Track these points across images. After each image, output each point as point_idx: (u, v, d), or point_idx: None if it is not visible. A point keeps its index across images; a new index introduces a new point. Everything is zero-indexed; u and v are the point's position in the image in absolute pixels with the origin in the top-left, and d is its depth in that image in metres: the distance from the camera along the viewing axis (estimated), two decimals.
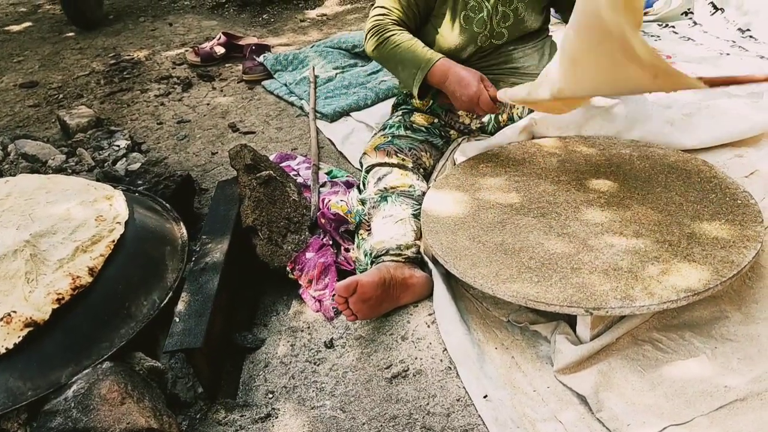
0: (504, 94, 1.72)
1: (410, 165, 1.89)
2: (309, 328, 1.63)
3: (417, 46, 1.86)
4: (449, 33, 1.96)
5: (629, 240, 1.46)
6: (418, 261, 1.70)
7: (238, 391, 1.49)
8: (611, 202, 1.60)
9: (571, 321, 1.42)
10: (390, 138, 1.98)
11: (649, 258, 1.40)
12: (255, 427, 1.37)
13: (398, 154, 1.91)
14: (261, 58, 3.12)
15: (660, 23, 3.09)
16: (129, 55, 3.50)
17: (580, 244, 1.47)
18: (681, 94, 2.26)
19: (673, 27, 3.04)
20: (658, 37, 2.96)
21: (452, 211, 1.67)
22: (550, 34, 2.08)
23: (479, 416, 1.30)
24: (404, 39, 1.88)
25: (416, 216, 1.75)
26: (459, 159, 1.95)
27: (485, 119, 2.05)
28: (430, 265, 1.68)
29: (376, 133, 2.09)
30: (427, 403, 1.35)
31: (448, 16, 1.95)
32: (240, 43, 3.33)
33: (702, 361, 1.33)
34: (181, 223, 1.80)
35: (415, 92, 1.88)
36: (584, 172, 1.73)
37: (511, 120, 2.02)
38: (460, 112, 2.05)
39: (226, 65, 3.28)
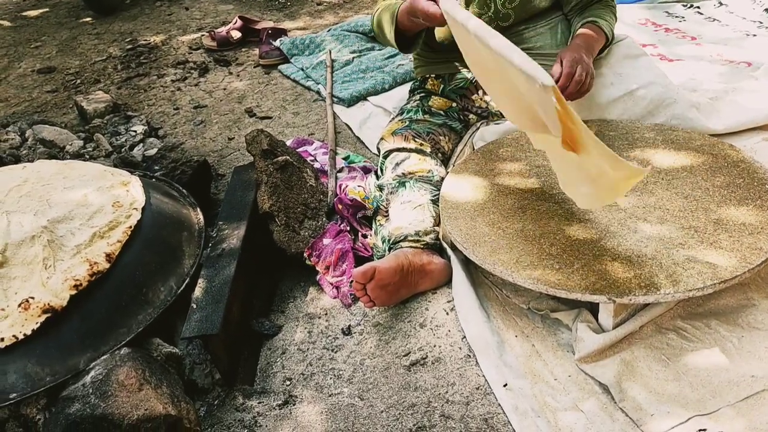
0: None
1: (428, 150, 1.87)
2: (326, 314, 1.62)
3: (394, 4, 1.81)
4: None
5: (653, 226, 1.43)
6: (436, 247, 1.68)
7: (255, 377, 1.48)
8: (634, 188, 1.56)
9: (593, 309, 1.40)
10: (408, 123, 1.95)
11: (674, 245, 1.36)
12: (273, 414, 1.36)
13: (416, 139, 1.88)
14: (277, 43, 3.10)
15: (684, 4, 3.01)
16: (145, 40, 3.49)
17: (603, 231, 1.44)
18: (705, 76, 2.21)
19: (698, 8, 2.97)
20: (683, 18, 2.89)
21: (471, 196, 1.64)
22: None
23: (499, 405, 1.28)
24: (386, 4, 1.86)
25: (435, 202, 1.72)
26: (478, 144, 1.92)
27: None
28: (449, 251, 1.66)
29: (393, 118, 2.07)
30: (446, 391, 1.34)
31: None
32: (256, 27, 3.31)
33: (728, 350, 1.30)
34: (198, 209, 1.79)
35: (393, 43, 1.84)
36: None
37: None
38: (474, 96, 2.02)
39: (242, 50, 3.26)
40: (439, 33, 2.01)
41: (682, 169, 1.60)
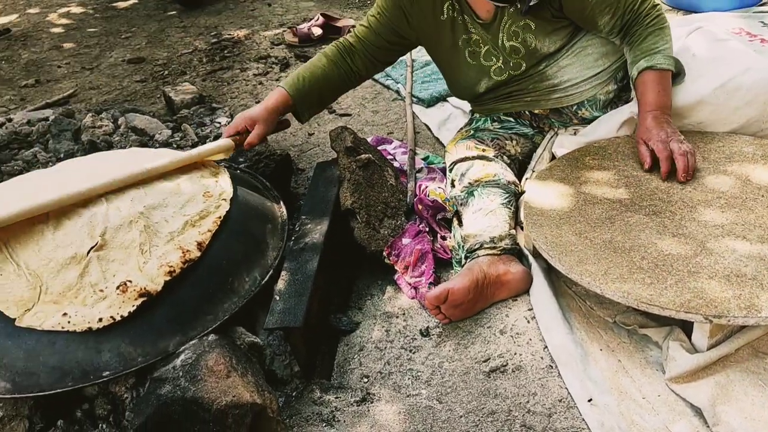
0: None
1: (492, 154, 1.84)
2: (404, 314, 1.62)
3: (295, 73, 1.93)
4: (458, 70, 1.90)
5: (753, 245, 1.37)
6: (515, 252, 1.65)
7: (332, 372, 1.49)
8: (732, 204, 1.50)
9: (685, 327, 1.35)
10: (472, 132, 1.95)
11: None
12: (351, 410, 1.37)
13: (478, 146, 1.87)
14: None
15: None
16: (229, 35, 3.57)
17: (698, 247, 1.39)
18: None
19: None
20: None
21: (556, 204, 1.61)
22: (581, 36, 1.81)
23: (583, 420, 1.25)
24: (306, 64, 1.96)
25: (506, 205, 1.70)
26: (558, 151, 1.89)
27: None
28: (531, 259, 1.64)
29: (460, 129, 2.06)
30: (527, 401, 1.32)
31: (453, 54, 1.88)
32: (337, 24, 3.34)
33: None
34: (281, 202, 1.82)
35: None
36: (701, 169, 1.63)
37: (581, 120, 1.90)
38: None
39: (323, 46, 3.26)
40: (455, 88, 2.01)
41: None
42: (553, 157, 1.90)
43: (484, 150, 1.86)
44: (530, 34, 1.75)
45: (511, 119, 1.96)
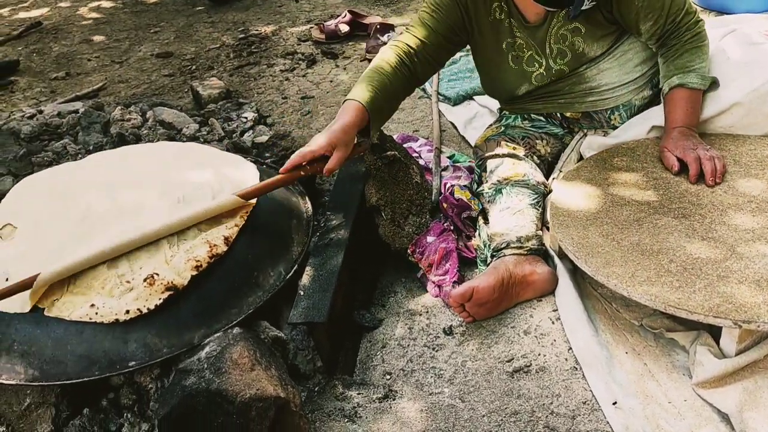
0: None
1: (522, 153, 1.83)
2: (427, 312, 1.61)
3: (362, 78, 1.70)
4: (499, 72, 1.87)
5: None
6: (541, 252, 1.64)
7: (355, 368, 1.50)
8: (763, 208, 1.48)
9: (713, 332, 1.33)
10: (503, 129, 1.93)
11: None
12: (373, 407, 1.37)
13: (509, 144, 1.85)
14: (385, 38, 3.12)
15: None
16: (257, 30, 3.59)
17: (728, 251, 1.37)
18: None
19: None
20: None
21: (583, 205, 1.60)
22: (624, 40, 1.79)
23: (607, 423, 1.24)
24: (369, 67, 1.74)
25: (534, 205, 1.69)
26: (586, 152, 1.87)
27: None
28: (556, 259, 1.62)
29: (490, 125, 2.05)
30: (551, 402, 1.31)
31: (495, 56, 1.85)
32: (365, 21, 3.34)
33: None
34: (306, 198, 1.83)
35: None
36: (732, 173, 1.61)
37: (612, 128, 1.89)
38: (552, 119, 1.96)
39: (350, 43, 3.30)
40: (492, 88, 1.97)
41: None
42: (580, 158, 1.88)
43: (514, 148, 1.85)
44: (579, 37, 1.73)
45: (542, 118, 1.95)
